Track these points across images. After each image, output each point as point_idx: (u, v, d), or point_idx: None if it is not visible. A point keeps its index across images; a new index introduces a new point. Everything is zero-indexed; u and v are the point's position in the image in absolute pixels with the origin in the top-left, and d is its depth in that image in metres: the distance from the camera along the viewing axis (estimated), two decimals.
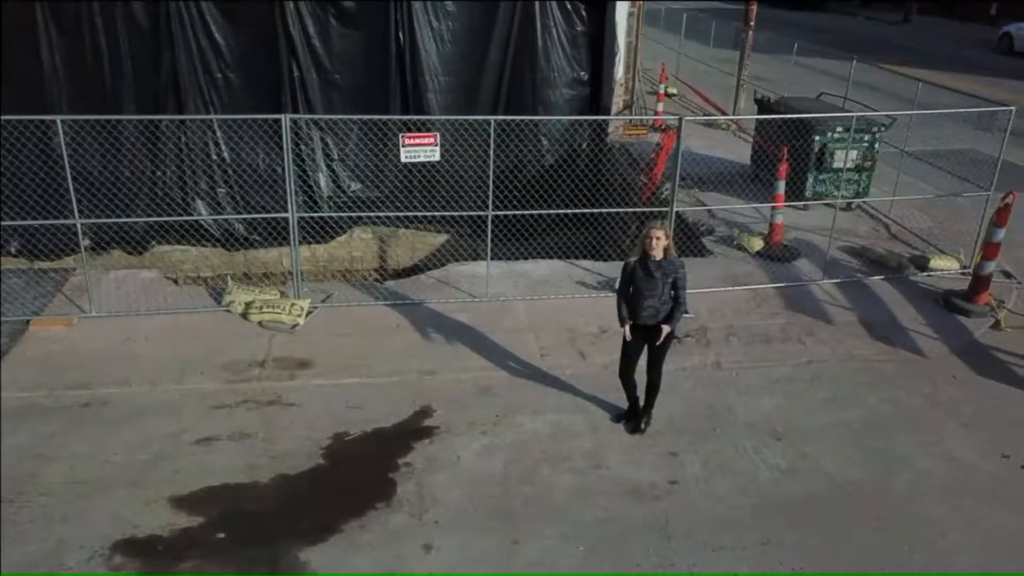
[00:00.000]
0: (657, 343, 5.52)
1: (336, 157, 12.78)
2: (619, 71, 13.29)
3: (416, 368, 6.59)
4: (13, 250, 11.75)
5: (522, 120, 11.04)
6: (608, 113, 13.38)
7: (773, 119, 10.52)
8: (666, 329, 5.44)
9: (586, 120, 12.78)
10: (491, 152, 7.79)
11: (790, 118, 10.07)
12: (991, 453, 5.73)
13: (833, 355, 6.99)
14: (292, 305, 7.28)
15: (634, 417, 5.88)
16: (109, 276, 8.19)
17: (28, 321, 7.08)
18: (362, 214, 11.99)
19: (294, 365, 6.57)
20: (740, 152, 12.59)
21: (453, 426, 5.85)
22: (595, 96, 13.16)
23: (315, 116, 11.57)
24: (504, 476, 5.34)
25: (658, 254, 5.29)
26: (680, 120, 7.80)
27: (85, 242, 11.84)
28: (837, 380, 6.62)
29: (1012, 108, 8.55)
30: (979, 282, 7.80)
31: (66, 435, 5.64)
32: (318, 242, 12.04)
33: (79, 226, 7.82)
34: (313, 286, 8.22)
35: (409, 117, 10.77)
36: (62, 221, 8.42)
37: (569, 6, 12.62)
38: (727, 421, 6.02)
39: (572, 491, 5.22)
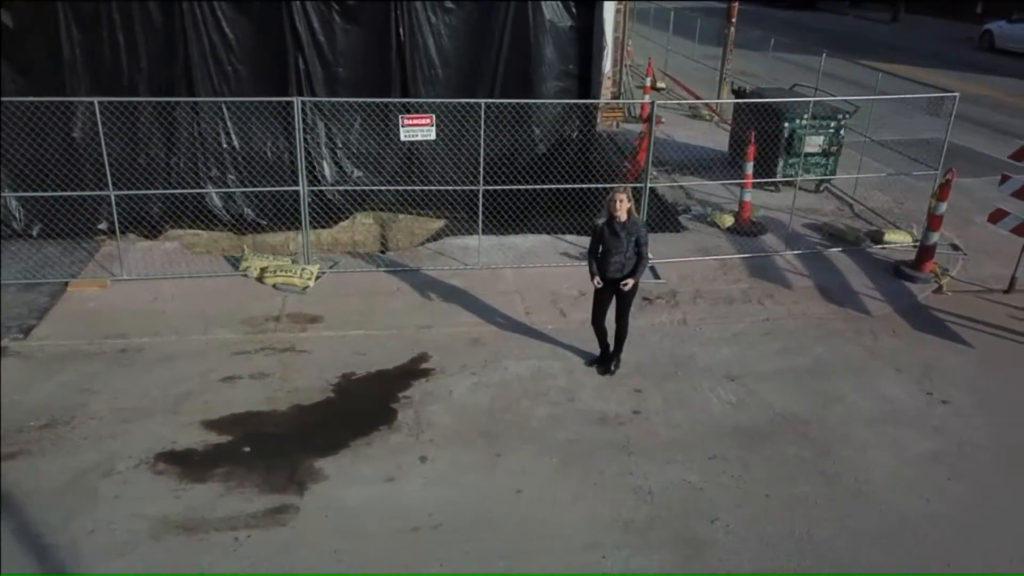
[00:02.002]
0: (624, 292, 6.33)
1: (339, 144, 13.60)
2: (607, 65, 14.05)
3: (414, 323, 7.40)
4: (35, 233, 12.59)
5: (513, 104, 11.82)
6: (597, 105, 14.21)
7: (747, 104, 11.34)
8: (631, 281, 6.25)
9: (576, 109, 13.59)
10: (481, 130, 8.57)
11: (761, 102, 10.90)
12: (917, 392, 6.54)
13: (788, 314, 7.80)
14: (303, 270, 8.11)
15: (605, 361, 6.70)
16: (135, 246, 9.02)
17: (66, 283, 7.90)
18: (366, 187, 12.72)
19: (305, 320, 7.40)
20: (721, 141, 13.38)
21: (446, 368, 6.67)
22: (584, 89, 13.96)
23: (323, 99, 12.33)
24: (490, 407, 6.15)
25: (622, 216, 6.09)
26: (653, 103, 8.59)
27: (102, 225, 12.75)
28: (789, 334, 7.44)
29: (956, 94, 9.37)
30: (924, 251, 8.60)
31: (107, 374, 6.46)
32: (323, 227, 12.85)
33: (112, 199, 8.58)
34: (321, 255, 9.00)
35: (407, 100, 11.51)
36: (97, 193, 9.17)
37: (560, 3, 13.41)
38: (688, 366, 6.84)
39: (548, 419, 6.04)
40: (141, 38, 12.42)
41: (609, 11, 13.72)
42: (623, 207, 6.09)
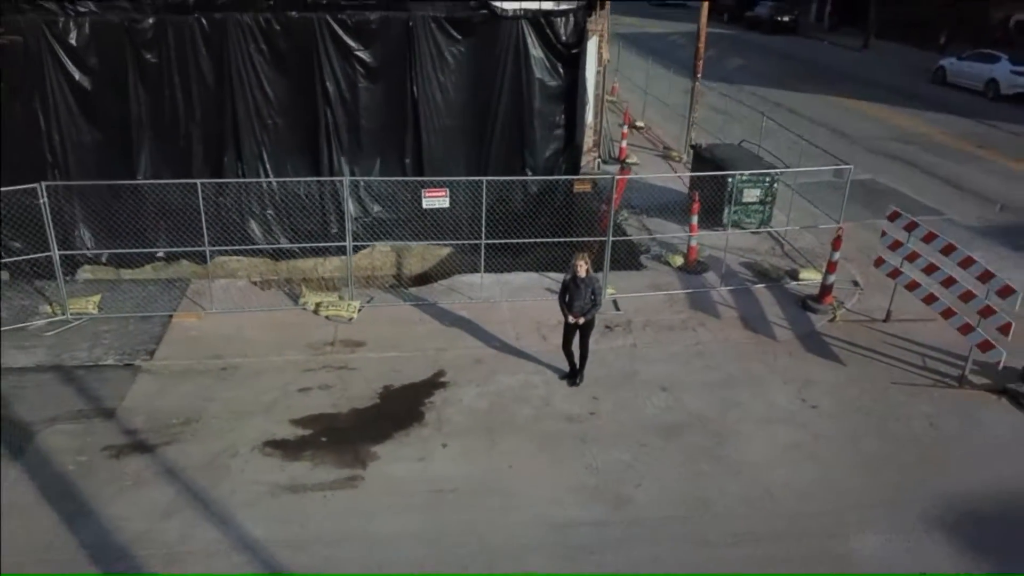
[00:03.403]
0: (585, 326, 8.88)
1: (363, 185, 16.25)
2: (589, 116, 16.64)
3: (434, 346, 9.97)
4: (104, 259, 15.30)
5: (510, 175, 14.46)
6: (580, 150, 16.78)
7: (700, 159, 13.90)
8: (587, 318, 8.80)
9: (563, 154, 16.25)
10: (483, 202, 11.10)
11: (712, 163, 13.46)
12: (795, 399, 9.10)
13: (714, 339, 10.36)
14: (348, 304, 10.68)
15: (572, 376, 9.27)
16: (216, 284, 11.57)
17: (171, 316, 10.47)
18: (398, 243, 15.28)
19: (353, 344, 9.97)
20: (685, 181, 15.90)
21: (458, 381, 9.24)
22: (569, 136, 16.61)
23: (362, 178, 14.86)
24: (489, 409, 8.73)
25: (582, 274, 8.65)
26: (614, 179, 11.16)
27: (160, 253, 15.53)
28: (712, 355, 10.00)
29: (851, 167, 11.90)
30: (824, 289, 11.16)
31: (216, 386, 9.03)
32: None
33: (206, 245, 11.13)
34: (360, 291, 11.53)
35: (424, 179, 13.91)
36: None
37: (548, 65, 16.03)
38: (633, 380, 9.40)
39: (530, 417, 8.61)
40: (196, 96, 15.10)
41: (590, 72, 16.31)
42: (582, 268, 8.65)
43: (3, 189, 11.05)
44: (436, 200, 11.32)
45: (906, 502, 7.48)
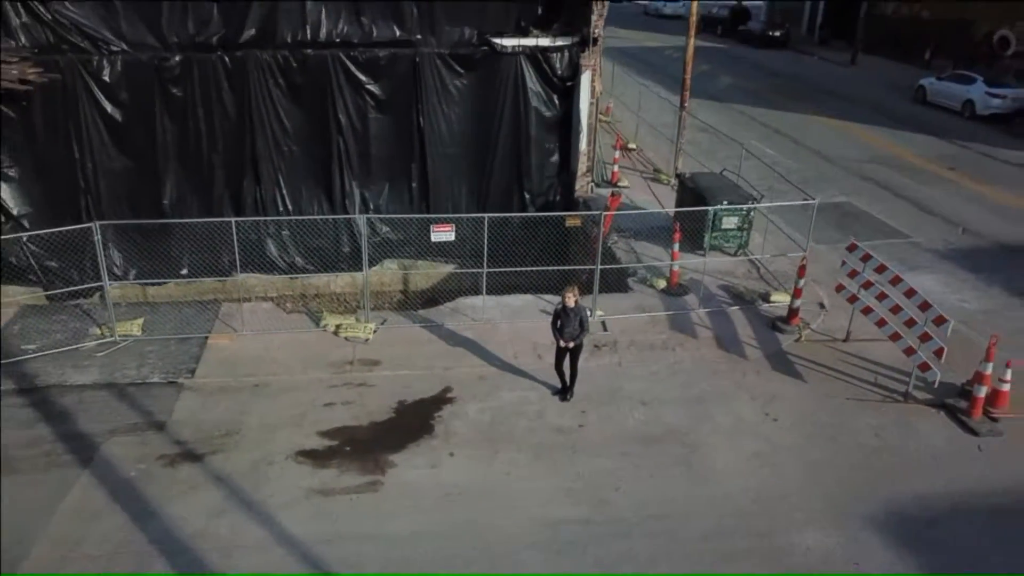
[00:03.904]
0: (574, 349, 10.14)
1: (372, 208, 17.56)
2: (583, 144, 17.92)
3: (441, 365, 11.24)
4: (131, 278, 16.61)
5: (509, 198, 15.76)
6: (575, 175, 18.07)
7: (684, 188, 15.17)
8: (577, 343, 10.06)
9: (558, 179, 17.56)
10: (484, 237, 12.30)
11: (695, 192, 14.74)
12: (759, 413, 10.37)
13: (690, 358, 11.63)
14: (365, 326, 11.94)
15: (564, 392, 10.53)
16: (244, 307, 12.81)
17: (207, 337, 11.74)
18: (411, 266, 16.60)
19: (370, 363, 11.24)
20: (672, 205, 17.16)
21: (463, 397, 10.51)
22: (564, 162, 17.95)
23: (381, 216, 16.12)
24: (491, 422, 10.00)
25: (571, 304, 9.91)
26: (602, 215, 12.42)
27: (184, 271, 16.93)
28: (688, 373, 11.26)
29: (816, 201, 13.15)
30: (792, 311, 12.42)
31: (251, 401, 10.30)
32: (358, 271, 16.75)
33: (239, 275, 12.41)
34: (375, 314, 12.78)
35: (433, 216, 15.01)
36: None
37: (544, 96, 17.36)
38: (617, 395, 10.67)
39: (526, 429, 9.88)
40: (218, 126, 16.46)
41: (584, 103, 17.59)
42: (571, 299, 9.92)
43: (61, 229, 12.34)
44: (443, 234, 12.56)
45: (845, 503, 8.75)
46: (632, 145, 22.16)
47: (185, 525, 8.15)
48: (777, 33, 40.04)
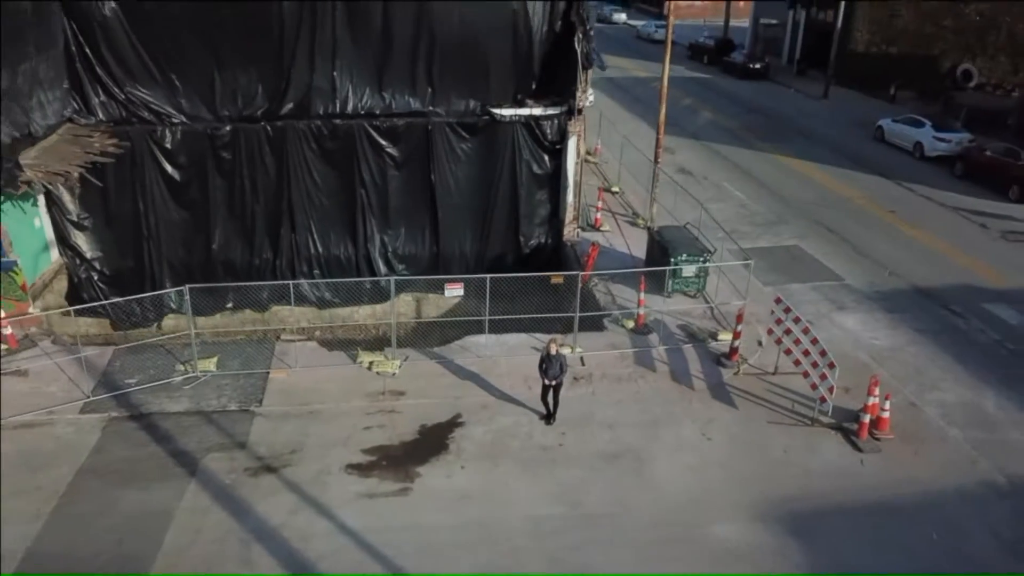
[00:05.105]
0: (555, 387, 13.25)
1: (391, 250, 20.77)
2: (570, 196, 21.02)
3: (453, 395, 14.34)
4: (184, 310, 19.63)
5: (506, 242, 18.96)
6: (563, 222, 21.18)
7: (651, 239, 18.30)
8: (558, 382, 13.17)
9: (548, 225, 20.77)
10: (487, 295, 15.37)
11: (661, 244, 17.85)
12: (698, 434, 13.48)
13: (649, 389, 14.73)
14: (392, 363, 15.05)
15: (548, 417, 13.65)
16: (293, 346, 15.89)
17: (267, 372, 14.84)
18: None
19: (397, 393, 14.34)
20: (642, 254, 20.25)
21: (470, 421, 13.62)
22: (554, 211, 21.11)
23: (405, 277, 19.22)
24: (492, 441, 13.12)
25: (554, 352, 13.02)
26: (579, 276, 15.53)
27: (229, 304, 20.16)
28: (646, 401, 14.36)
29: (751, 262, 16.25)
30: (732, 349, 15.53)
31: (308, 426, 13.41)
32: (378, 303, 19.82)
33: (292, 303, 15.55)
34: (399, 351, 15.83)
35: (443, 278, 17.86)
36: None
37: (537, 157, 20.54)
38: (590, 420, 13.77)
39: (519, 448, 13.00)
40: (260, 183, 19.67)
41: (571, 163, 20.71)
42: (554, 348, 13.03)
43: (157, 292, 15.55)
44: (455, 291, 15.65)
45: (754, 504, 11.87)
46: (615, 188, 25.17)
47: (270, 519, 11.27)
48: (757, 65, 43.03)
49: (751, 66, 43.00)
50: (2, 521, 10.90)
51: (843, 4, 38.53)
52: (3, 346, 15.04)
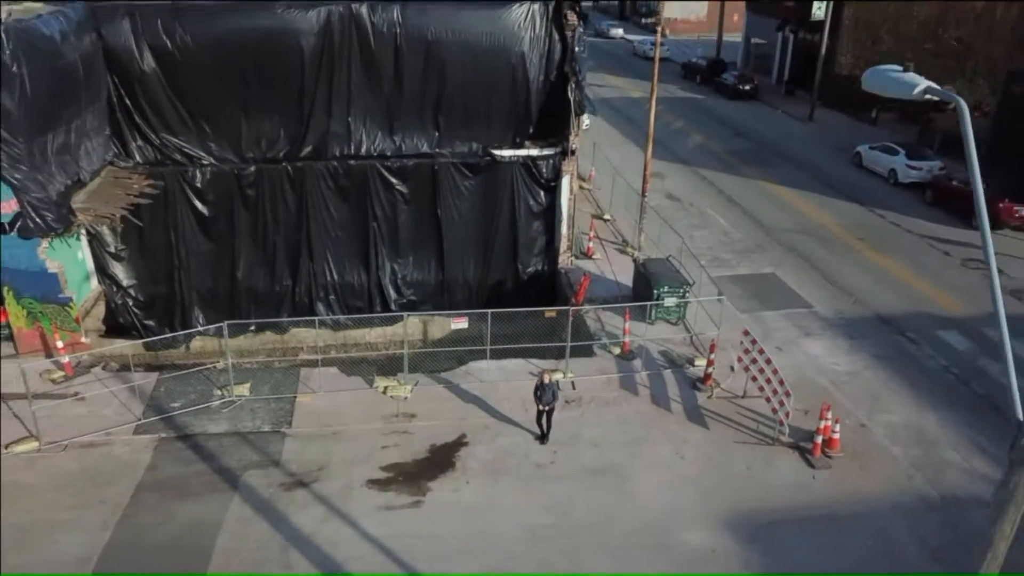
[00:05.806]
0: (548, 411, 15.19)
1: (400, 277, 22.72)
2: (564, 228, 22.96)
3: (458, 417, 16.28)
4: (211, 332, 21.57)
5: (506, 271, 20.96)
6: (558, 251, 23.12)
7: (637, 270, 20.26)
8: (551, 407, 15.10)
9: (544, 253, 22.71)
10: (488, 324, 17.33)
11: (645, 276, 19.80)
12: (673, 452, 15.41)
13: (632, 411, 16.66)
14: (404, 387, 16.98)
15: (542, 438, 15.58)
16: (315, 371, 17.82)
17: (294, 396, 16.76)
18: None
19: (410, 416, 16.28)
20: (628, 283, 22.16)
21: (474, 441, 15.55)
22: (549, 242, 23.05)
23: (416, 314, 21.17)
24: (493, 459, 15.06)
25: (547, 381, 14.95)
26: (569, 312, 17.47)
27: (251, 328, 22.08)
28: (629, 421, 16.29)
29: (723, 298, 18.18)
30: (706, 375, 17.46)
31: (333, 444, 15.34)
32: (388, 326, 21.72)
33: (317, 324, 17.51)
34: (410, 376, 17.75)
35: (450, 313, 19.80)
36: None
37: (533, 193, 22.46)
38: (578, 439, 15.70)
39: (516, 465, 14.94)
40: (281, 218, 21.64)
41: (564, 199, 22.64)
42: (547, 378, 14.97)
43: (197, 330, 17.54)
44: (460, 324, 17.59)
45: (720, 514, 13.79)
46: (607, 216, 27.06)
47: (304, 527, 13.20)
48: (747, 87, 44.95)
49: (741, 87, 44.90)
50: (76, 530, 12.84)
51: (827, 28, 40.43)
52: (61, 373, 16.98)
